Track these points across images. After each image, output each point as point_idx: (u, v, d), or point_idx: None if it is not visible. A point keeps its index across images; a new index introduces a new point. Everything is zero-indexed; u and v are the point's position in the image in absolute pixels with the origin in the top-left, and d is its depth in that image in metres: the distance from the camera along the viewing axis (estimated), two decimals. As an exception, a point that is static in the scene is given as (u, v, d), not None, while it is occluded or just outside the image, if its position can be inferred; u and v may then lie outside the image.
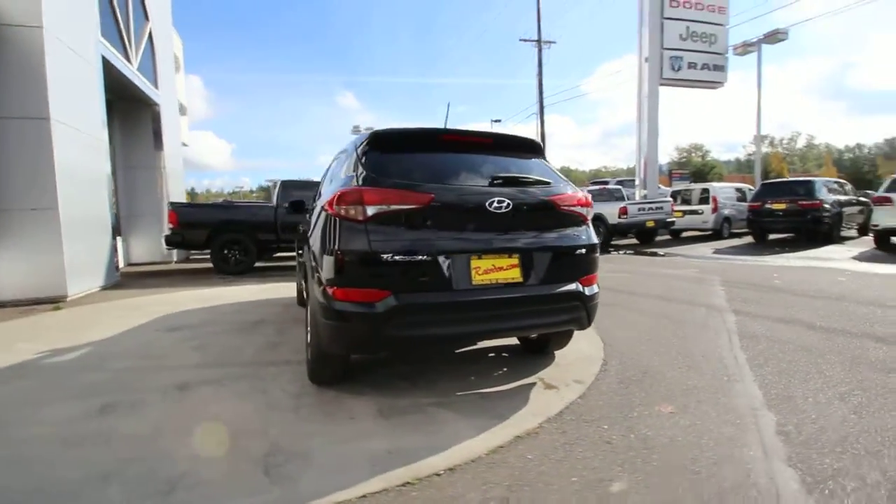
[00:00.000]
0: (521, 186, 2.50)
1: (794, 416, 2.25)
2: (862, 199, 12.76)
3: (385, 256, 2.19)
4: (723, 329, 3.89)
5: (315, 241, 2.52)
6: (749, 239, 12.65)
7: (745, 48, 16.93)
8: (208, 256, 8.56)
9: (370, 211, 2.23)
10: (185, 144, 11.65)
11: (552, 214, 2.54)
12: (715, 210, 13.41)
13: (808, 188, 11.04)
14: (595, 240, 2.70)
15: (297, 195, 8.73)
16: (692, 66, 15.31)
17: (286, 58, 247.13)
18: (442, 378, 2.87)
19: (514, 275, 2.37)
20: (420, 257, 2.21)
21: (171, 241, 8.21)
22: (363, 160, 2.45)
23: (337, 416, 2.36)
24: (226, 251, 8.38)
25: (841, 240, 11.32)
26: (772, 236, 12.18)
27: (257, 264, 8.90)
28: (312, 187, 9.53)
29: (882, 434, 2.05)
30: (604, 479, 1.77)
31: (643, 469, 1.83)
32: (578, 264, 2.56)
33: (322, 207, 2.49)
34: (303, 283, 4.28)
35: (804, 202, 10.80)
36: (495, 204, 2.35)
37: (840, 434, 2.05)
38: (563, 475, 1.80)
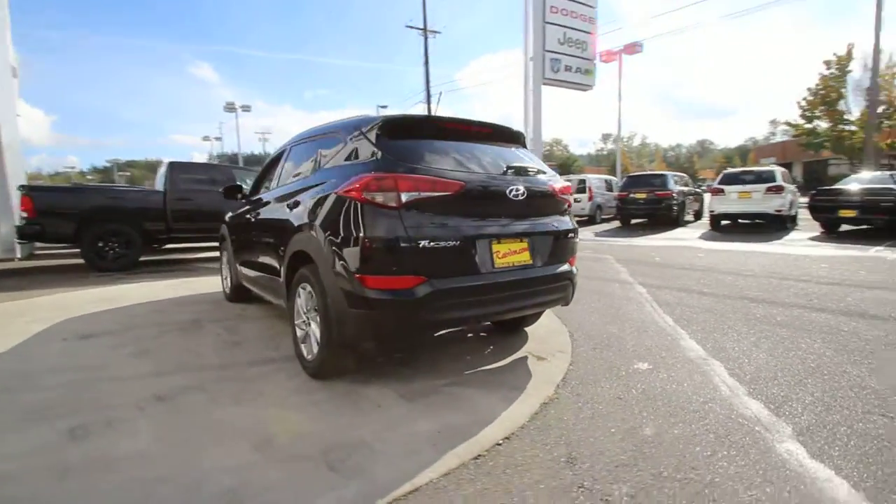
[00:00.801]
0: (527, 175, 2.70)
1: (733, 362, 2.87)
2: (696, 190, 15.68)
3: (422, 243, 2.21)
4: (643, 300, 4.62)
5: (326, 229, 2.39)
6: (616, 223, 14.70)
7: (610, 56, 19.42)
8: (66, 251, 7.17)
9: (404, 197, 2.23)
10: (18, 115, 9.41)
11: (551, 202, 2.79)
12: (591, 198, 15.28)
13: (662, 181, 13.22)
14: (576, 224, 3.03)
15: (189, 178, 7.87)
16: (568, 68, 16.99)
17: (123, 16, 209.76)
18: (440, 360, 2.97)
19: (526, 258, 2.57)
20: (452, 243, 2.29)
21: (26, 234, 6.66)
22: (378, 146, 2.40)
23: (362, 406, 2.34)
24: (101, 244, 7.10)
25: (684, 223, 13.82)
26: (633, 221, 14.32)
27: (143, 258, 7.71)
28: (206, 171, 8.63)
29: (796, 367, 2.74)
30: (634, 426, 2.10)
31: (657, 414, 2.20)
32: (569, 246, 2.87)
33: (335, 194, 2.37)
34: (245, 272, 3.97)
35: (660, 192, 12.92)
36: (514, 191, 2.52)
37: (770, 372, 2.70)
38: (602, 429, 2.09)
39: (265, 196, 3.68)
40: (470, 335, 3.54)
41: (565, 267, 2.80)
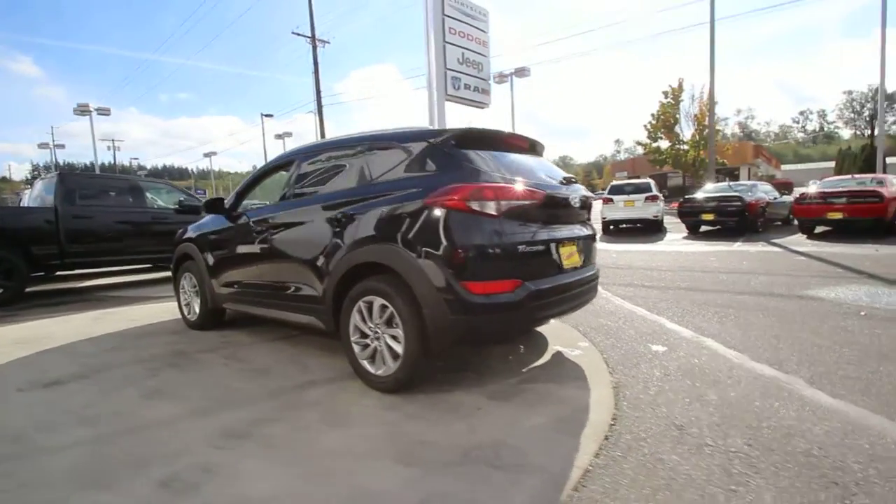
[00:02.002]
0: (574, 185, 3.00)
1: (718, 338, 3.51)
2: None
3: (519, 248, 2.37)
4: (604, 294, 5.25)
5: (418, 238, 2.39)
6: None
7: (501, 78, 21.08)
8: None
9: (503, 206, 2.36)
10: None
11: (586, 209, 3.13)
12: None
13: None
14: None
15: (87, 192, 6.73)
16: (467, 87, 17.86)
17: None
18: (487, 363, 3.10)
19: (577, 260, 2.87)
20: (539, 247, 2.48)
21: None
22: (458, 157, 2.50)
23: (462, 411, 2.39)
24: (-31, 275, 5.67)
25: (578, 229, 15.56)
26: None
27: (30, 289, 6.30)
28: (109, 183, 7.39)
29: (766, 337, 3.46)
30: (698, 395, 2.51)
31: (705, 383, 2.65)
32: (595, 249, 3.24)
33: (424, 203, 2.39)
34: (236, 293, 3.64)
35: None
36: (574, 200, 2.81)
37: (752, 342, 3.37)
38: (676, 401, 2.46)
39: (273, 210, 3.42)
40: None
41: (595, 268, 3.16)
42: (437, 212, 2.36)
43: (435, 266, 2.33)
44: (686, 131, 29.13)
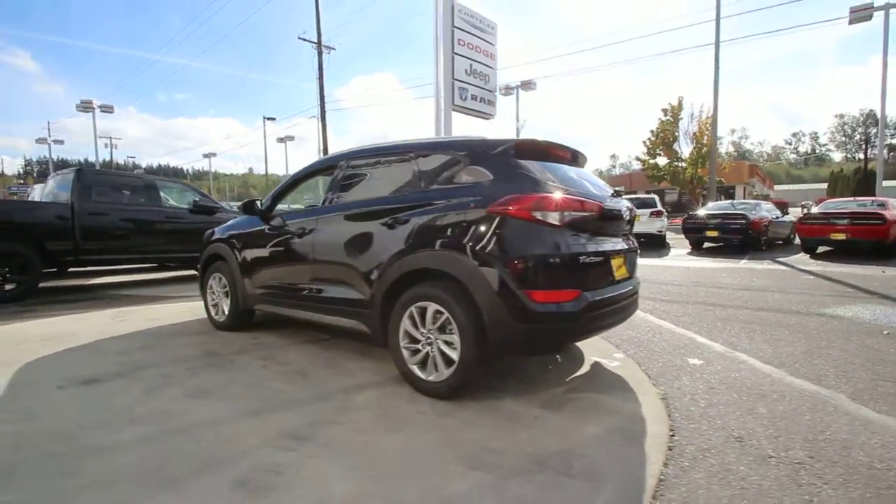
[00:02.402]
0: (620, 197, 3.05)
1: (751, 353, 3.55)
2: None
3: (580, 259, 2.40)
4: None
5: (482, 246, 2.42)
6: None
7: (507, 90, 21.31)
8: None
9: (566, 217, 2.40)
10: None
11: (630, 222, 3.18)
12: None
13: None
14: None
15: (104, 189, 6.69)
16: (474, 98, 18.09)
17: None
18: (527, 371, 3.12)
19: (625, 272, 2.90)
20: (596, 258, 2.51)
21: None
22: (519, 167, 2.54)
23: (522, 420, 2.39)
24: (-16, 269, 5.59)
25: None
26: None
27: (43, 284, 6.21)
28: (125, 180, 7.35)
29: (796, 352, 3.51)
30: (748, 408, 2.54)
31: (751, 396, 2.68)
32: (637, 262, 3.28)
33: (487, 211, 2.42)
34: (273, 295, 3.62)
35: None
36: (625, 212, 2.85)
37: (785, 357, 3.42)
38: (727, 413, 2.48)
39: (315, 214, 3.43)
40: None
41: (638, 281, 3.20)
42: (501, 220, 2.39)
43: (498, 274, 2.35)
44: (685, 149, 29.55)
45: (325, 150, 27.64)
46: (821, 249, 10.84)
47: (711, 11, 15.64)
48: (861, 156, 65.38)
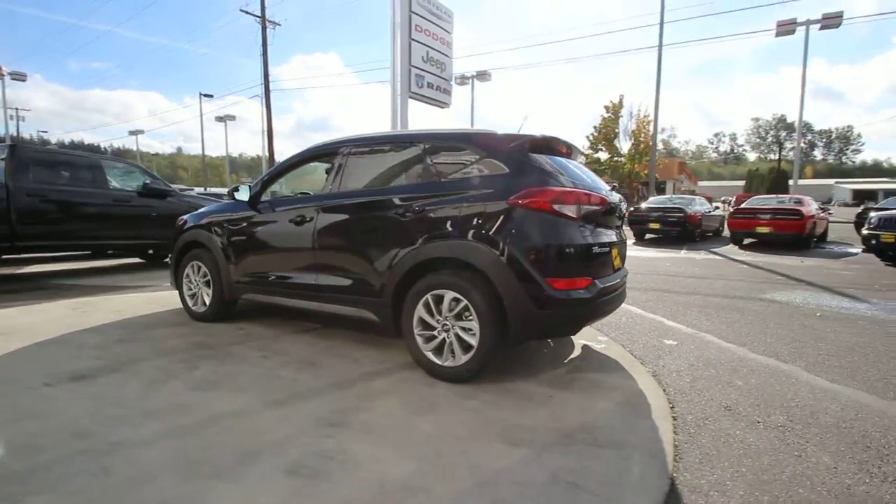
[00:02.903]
0: (614, 191, 3.27)
1: (715, 334, 3.97)
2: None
3: (592, 249, 2.59)
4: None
5: (504, 236, 2.52)
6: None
7: (463, 80, 21.39)
8: None
9: (582, 210, 2.57)
10: None
11: (622, 216, 3.42)
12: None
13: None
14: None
15: (46, 168, 6.08)
16: (430, 85, 18.01)
17: None
18: (524, 357, 3.30)
19: (619, 262, 3.14)
20: (604, 249, 2.71)
21: None
22: (534, 161, 2.67)
23: (536, 399, 2.55)
24: None
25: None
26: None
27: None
28: (61, 157, 6.66)
29: (753, 332, 3.97)
30: (726, 381, 2.88)
31: (726, 371, 3.04)
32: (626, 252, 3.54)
33: (508, 203, 2.53)
34: (263, 283, 3.56)
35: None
36: (622, 207, 3.07)
37: (744, 337, 3.86)
38: (712, 388, 2.81)
39: (316, 201, 3.37)
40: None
41: (626, 270, 3.47)
42: (522, 212, 2.52)
43: (520, 263, 2.49)
44: (624, 145, 31.29)
45: (270, 132, 26.36)
46: (747, 241, 12.04)
47: (648, 17, 16.56)
48: (773, 156, 72.59)
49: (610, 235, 2.95)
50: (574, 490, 1.72)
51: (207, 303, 4.01)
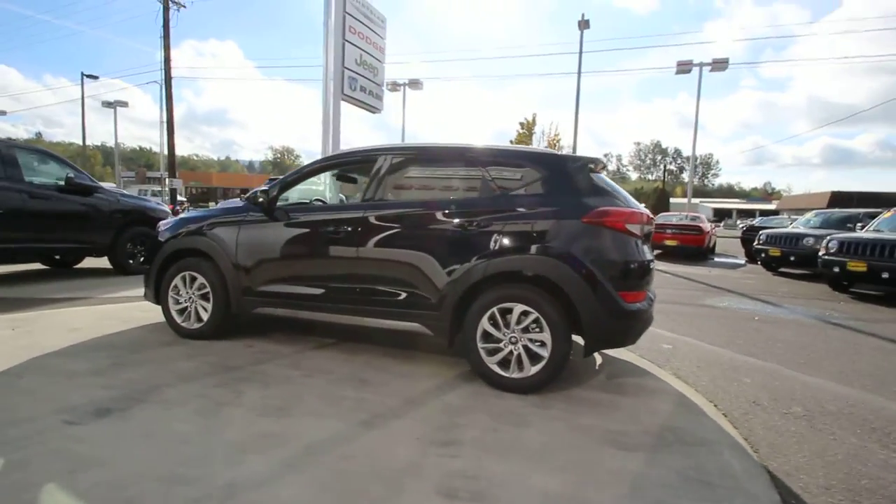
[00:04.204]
0: None
1: (694, 336, 4.52)
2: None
3: (650, 264, 2.84)
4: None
5: (582, 253, 2.66)
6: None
7: (395, 87, 21.24)
8: None
9: (645, 229, 2.81)
10: None
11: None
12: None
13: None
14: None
15: None
16: (363, 89, 17.64)
17: None
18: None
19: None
20: (651, 265, 2.97)
21: None
22: (598, 182, 2.87)
23: (605, 404, 2.73)
24: None
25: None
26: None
27: None
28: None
29: (720, 333, 4.59)
30: (734, 377, 3.34)
31: (729, 368, 3.51)
32: None
33: (583, 222, 2.68)
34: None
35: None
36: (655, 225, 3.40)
37: (713, 337, 4.45)
38: (727, 382, 3.23)
39: (354, 210, 3.21)
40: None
41: None
42: (598, 230, 2.70)
43: (596, 278, 2.66)
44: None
45: (171, 121, 23.77)
46: (655, 252, 13.65)
47: (559, 45, 18.11)
48: (650, 176, 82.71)
49: (650, 252, 3.26)
50: (710, 486, 1.92)
51: (204, 318, 3.58)
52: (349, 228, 3.16)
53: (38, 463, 1.84)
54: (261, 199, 3.41)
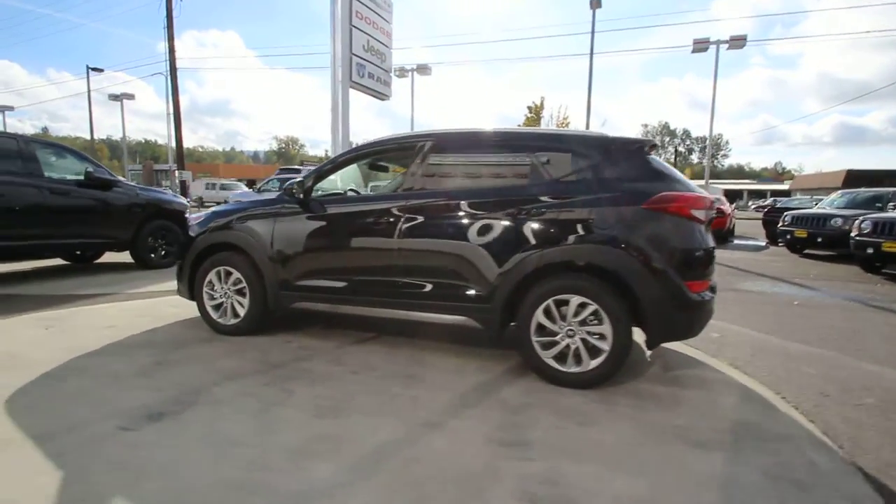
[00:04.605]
0: None
1: (740, 323, 4.37)
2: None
3: (714, 251, 2.69)
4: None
5: (645, 242, 2.52)
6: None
7: (402, 73, 20.92)
8: None
9: (708, 214, 2.66)
10: None
11: None
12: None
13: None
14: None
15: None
16: (371, 76, 17.40)
17: None
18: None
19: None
20: (714, 251, 2.81)
21: None
22: (656, 165, 2.71)
23: (668, 399, 2.61)
24: None
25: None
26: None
27: None
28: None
29: (768, 321, 4.44)
30: (795, 367, 3.20)
31: (787, 360, 3.37)
32: None
33: (643, 208, 2.54)
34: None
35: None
36: None
37: (769, 327, 4.30)
38: (790, 374, 3.10)
39: (394, 200, 3.09)
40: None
41: None
42: (661, 217, 2.55)
43: (662, 267, 2.52)
44: (545, 144, 32.97)
45: (178, 112, 23.60)
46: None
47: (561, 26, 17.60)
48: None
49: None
50: (803, 487, 1.80)
51: (242, 314, 3.50)
52: (392, 219, 3.04)
53: (99, 473, 1.77)
54: (296, 191, 3.29)
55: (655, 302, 2.52)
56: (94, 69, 25.92)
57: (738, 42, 17.79)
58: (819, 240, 9.26)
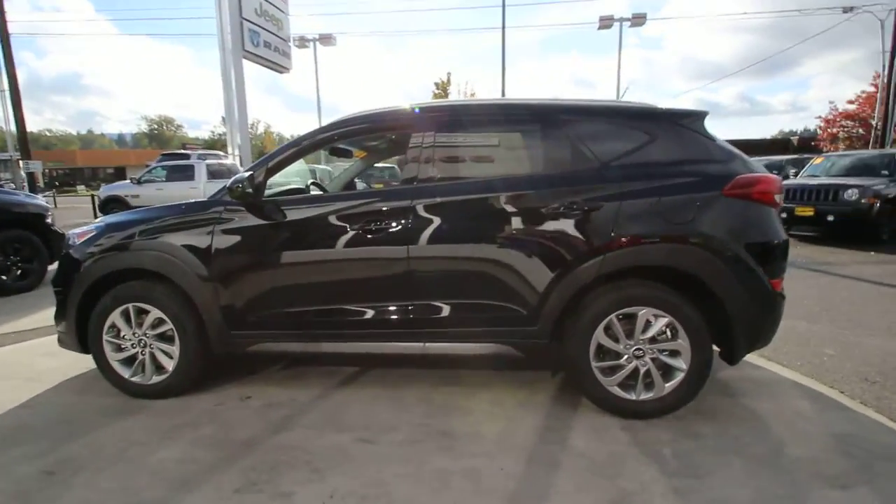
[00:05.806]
0: None
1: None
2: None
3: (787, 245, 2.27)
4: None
5: (729, 236, 2.08)
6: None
7: (303, 42, 18.72)
8: None
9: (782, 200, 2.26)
10: None
11: None
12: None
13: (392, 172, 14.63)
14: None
15: None
16: (267, 45, 15.51)
17: None
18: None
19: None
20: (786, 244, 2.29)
21: None
22: (722, 143, 2.25)
23: (737, 415, 2.26)
24: None
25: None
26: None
27: None
28: None
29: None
30: (829, 355, 3.07)
31: (823, 346, 3.24)
32: None
33: (722, 195, 2.08)
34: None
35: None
36: None
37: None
38: (829, 361, 2.95)
39: (386, 199, 2.30)
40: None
41: None
42: (745, 204, 2.10)
43: (749, 265, 2.08)
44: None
45: (16, 88, 18.94)
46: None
47: None
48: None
49: None
50: None
51: (170, 367, 2.47)
52: (392, 224, 2.24)
53: None
54: (243, 188, 2.31)
55: (744, 307, 2.10)
56: None
57: (639, 20, 18.87)
58: (830, 218, 7.26)
